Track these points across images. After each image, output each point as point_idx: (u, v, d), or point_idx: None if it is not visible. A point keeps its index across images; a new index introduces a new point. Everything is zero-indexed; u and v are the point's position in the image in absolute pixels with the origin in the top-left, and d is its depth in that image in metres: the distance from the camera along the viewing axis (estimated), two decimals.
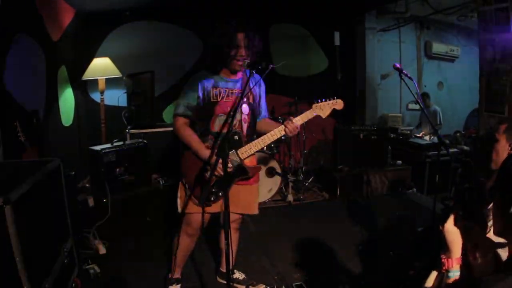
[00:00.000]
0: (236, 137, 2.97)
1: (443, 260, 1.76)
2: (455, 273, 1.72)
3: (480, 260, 1.70)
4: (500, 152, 2.27)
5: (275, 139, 2.96)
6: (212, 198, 2.97)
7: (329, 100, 2.95)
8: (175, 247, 3.23)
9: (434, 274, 1.87)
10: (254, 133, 3.17)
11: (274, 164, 5.70)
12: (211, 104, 2.96)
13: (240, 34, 2.83)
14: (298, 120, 2.93)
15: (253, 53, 2.88)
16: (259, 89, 3.19)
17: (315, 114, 2.96)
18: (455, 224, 1.75)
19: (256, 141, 2.94)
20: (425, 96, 8.23)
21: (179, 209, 3.09)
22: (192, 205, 3.01)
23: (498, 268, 1.75)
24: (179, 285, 3.37)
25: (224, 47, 2.82)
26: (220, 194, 2.96)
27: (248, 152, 2.95)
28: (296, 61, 7.63)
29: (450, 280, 1.72)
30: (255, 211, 3.31)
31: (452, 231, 1.74)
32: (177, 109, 2.98)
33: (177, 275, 3.37)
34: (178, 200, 3.11)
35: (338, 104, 2.98)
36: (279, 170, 5.71)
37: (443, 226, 1.76)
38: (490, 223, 2.03)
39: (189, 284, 3.49)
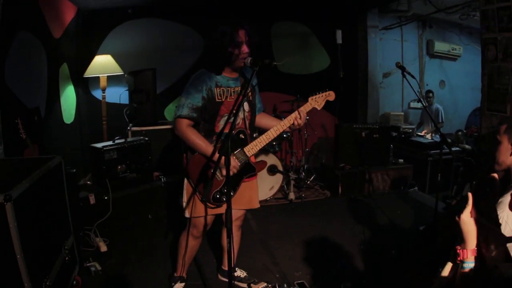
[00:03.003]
0: (242, 136, 2.97)
1: (458, 251, 1.77)
2: (469, 264, 1.74)
3: (494, 253, 1.72)
4: (503, 153, 2.26)
5: (278, 134, 2.96)
6: (224, 199, 2.94)
7: (323, 92, 3.04)
8: (182, 249, 3.24)
9: (449, 266, 1.88)
10: (255, 129, 3.17)
11: (276, 162, 5.69)
12: (216, 104, 2.91)
13: (241, 31, 2.81)
14: (303, 111, 2.97)
15: (253, 47, 2.87)
16: (254, 83, 3.18)
17: (312, 106, 3.03)
18: (471, 215, 1.76)
19: (261, 137, 2.93)
20: (429, 93, 8.22)
21: (187, 214, 3.06)
22: (200, 208, 3.00)
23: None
24: (183, 284, 3.37)
25: (227, 48, 2.78)
26: (232, 193, 2.95)
27: (254, 149, 2.95)
28: (298, 59, 7.62)
29: (465, 271, 1.74)
30: (257, 205, 3.32)
31: (468, 222, 1.76)
32: (181, 110, 2.86)
33: (182, 274, 3.38)
34: (184, 204, 3.08)
35: (331, 95, 3.07)
36: (280, 168, 5.71)
37: (459, 217, 1.77)
38: (501, 219, 2.03)
39: (191, 282, 3.49)
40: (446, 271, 1.88)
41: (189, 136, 2.88)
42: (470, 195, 1.79)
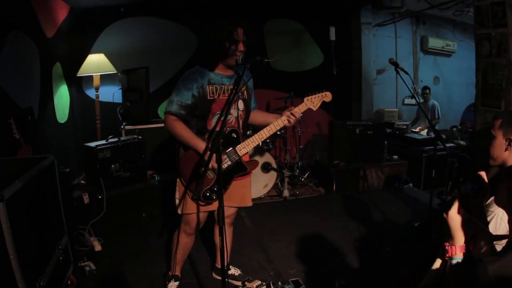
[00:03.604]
0: (234, 135, 2.96)
1: (446, 247, 1.77)
2: (458, 261, 1.75)
3: (482, 250, 1.72)
4: (498, 148, 2.23)
5: (271, 134, 2.97)
6: (214, 197, 2.94)
7: (319, 93, 3.02)
8: (175, 246, 3.23)
9: (438, 262, 1.88)
10: (248, 127, 3.16)
11: (269, 159, 5.69)
12: (207, 102, 2.89)
13: (240, 29, 2.80)
14: (297, 111, 2.96)
15: (248, 48, 2.86)
16: (250, 83, 3.18)
17: (307, 107, 3.01)
18: (458, 212, 1.76)
19: (253, 136, 2.93)
20: (426, 89, 8.24)
21: (179, 211, 3.07)
22: (192, 205, 2.99)
23: None
24: (177, 282, 3.36)
25: (224, 42, 2.77)
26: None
27: (246, 149, 2.94)
28: (291, 56, 7.63)
29: (453, 266, 1.75)
30: (250, 203, 3.32)
31: (455, 219, 1.76)
32: (170, 107, 2.88)
33: (176, 272, 3.37)
34: (177, 201, 3.09)
35: (327, 96, 3.04)
36: (274, 166, 5.70)
37: (447, 214, 1.77)
38: (490, 216, 2.03)
39: (185, 281, 3.48)
40: (435, 267, 1.88)
41: (176, 129, 2.88)
42: (457, 192, 1.80)
